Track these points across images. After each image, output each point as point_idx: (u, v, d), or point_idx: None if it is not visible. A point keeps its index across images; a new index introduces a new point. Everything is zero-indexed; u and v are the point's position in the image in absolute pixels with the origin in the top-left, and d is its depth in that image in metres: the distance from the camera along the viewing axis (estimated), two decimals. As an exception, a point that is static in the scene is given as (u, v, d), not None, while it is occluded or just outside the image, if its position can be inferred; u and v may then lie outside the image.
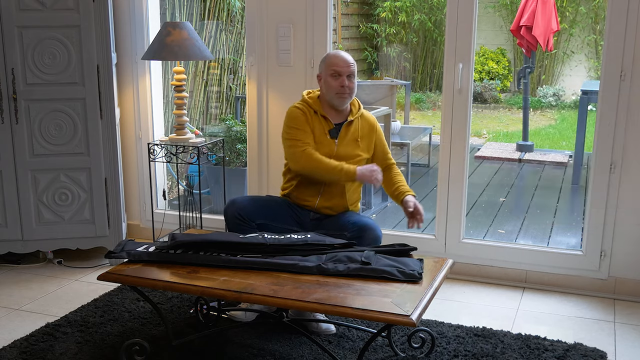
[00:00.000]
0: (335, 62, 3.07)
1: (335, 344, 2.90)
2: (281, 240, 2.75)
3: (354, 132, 3.15)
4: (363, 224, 3.00)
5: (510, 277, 3.68)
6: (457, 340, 2.95)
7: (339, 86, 3.05)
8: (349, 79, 3.06)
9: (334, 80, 3.06)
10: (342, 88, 3.06)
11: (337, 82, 3.06)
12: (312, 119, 3.11)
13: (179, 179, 4.64)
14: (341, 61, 3.07)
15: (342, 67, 3.06)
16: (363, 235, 2.94)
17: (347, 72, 3.06)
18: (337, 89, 3.06)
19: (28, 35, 3.61)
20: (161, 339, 2.92)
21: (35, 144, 3.72)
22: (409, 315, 2.21)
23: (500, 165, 6.89)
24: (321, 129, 3.11)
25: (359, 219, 3.05)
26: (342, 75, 3.05)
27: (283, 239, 2.77)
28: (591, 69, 10.09)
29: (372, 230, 2.98)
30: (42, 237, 3.83)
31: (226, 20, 5.59)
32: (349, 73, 3.06)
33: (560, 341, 2.96)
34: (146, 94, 4.22)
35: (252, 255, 2.70)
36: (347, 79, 3.06)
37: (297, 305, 2.35)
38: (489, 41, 10.50)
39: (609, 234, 3.47)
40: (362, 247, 2.78)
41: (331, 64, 3.08)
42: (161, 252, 2.72)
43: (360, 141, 3.15)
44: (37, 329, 3.05)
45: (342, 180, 3.08)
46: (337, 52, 3.14)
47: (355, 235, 2.95)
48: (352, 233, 2.96)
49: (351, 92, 3.09)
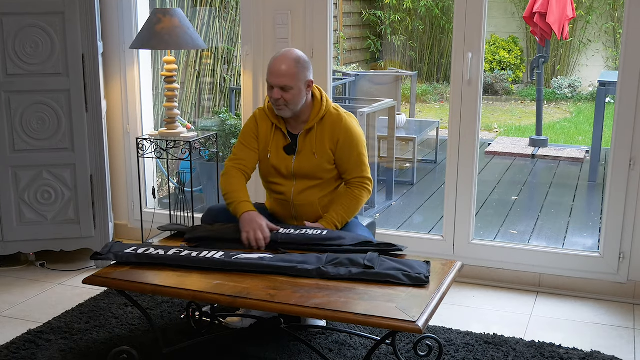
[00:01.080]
0: (269, 71, 2.90)
1: (336, 352, 2.90)
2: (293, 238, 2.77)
3: (310, 145, 2.97)
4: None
5: (523, 281, 3.68)
6: (466, 348, 2.95)
7: (272, 97, 2.90)
8: (284, 90, 2.87)
9: (269, 90, 2.91)
10: (275, 100, 2.90)
11: (271, 94, 2.91)
12: (268, 130, 3.02)
13: (169, 176, 4.64)
14: (274, 71, 2.87)
15: (273, 77, 2.88)
16: None
17: (279, 85, 2.86)
18: (271, 99, 2.91)
19: (8, 23, 3.60)
20: (151, 346, 2.92)
21: (16, 138, 3.71)
22: (415, 321, 2.20)
23: (512, 162, 6.89)
24: (278, 142, 3.01)
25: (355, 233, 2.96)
26: (273, 88, 2.89)
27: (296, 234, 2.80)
28: (609, 59, 10.09)
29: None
30: (24, 238, 3.83)
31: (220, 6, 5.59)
32: (280, 86, 2.86)
33: (577, 349, 2.95)
34: (134, 85, 4.22)
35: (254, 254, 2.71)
36: (281, 91, 2.87)
37: (296, 311, 2.35)
38: (501, 29, 10.50)
39: (628, 235, 3.47)
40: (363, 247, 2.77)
41: (268, 71, 2.91)
42: (150, 254, 2.71)
43: (316, 154, 2.97)
44: (18, 336, 3.05)
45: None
46: (279, 56, 2.91)
47: None
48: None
49: (288, 103, 2.89)
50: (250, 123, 3.07)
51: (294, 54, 2.91)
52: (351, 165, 3.00)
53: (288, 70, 2.86)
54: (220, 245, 2.82)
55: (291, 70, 2.86)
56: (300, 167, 2.99)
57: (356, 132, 3.02)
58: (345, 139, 2.97)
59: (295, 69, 2.87)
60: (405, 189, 5.86)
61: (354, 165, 3.00)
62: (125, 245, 2.81)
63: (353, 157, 2.99)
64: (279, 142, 3.02)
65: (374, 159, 5.23)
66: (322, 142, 2.97)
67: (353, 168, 3.01)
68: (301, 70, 2.89)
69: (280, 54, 2.92)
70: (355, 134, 3.01)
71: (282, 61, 2.88)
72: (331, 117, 2.99)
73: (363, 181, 3.01)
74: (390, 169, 5.49)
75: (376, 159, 5.39)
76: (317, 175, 2.99)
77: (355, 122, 3.05)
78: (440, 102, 10.09)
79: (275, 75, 2.87)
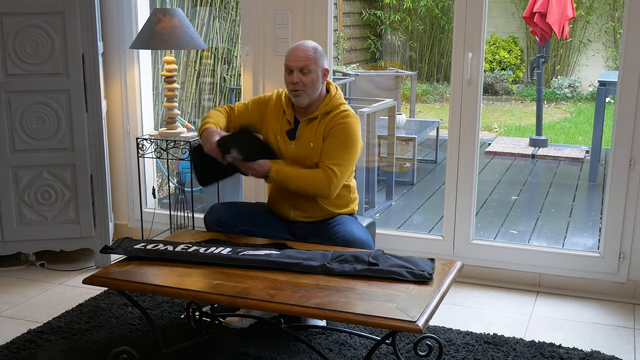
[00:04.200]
0: (288, 56, 3.01)
1: (336, 352, 2.90)
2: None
3: (309, 134, 3.04)
4: (350, 238, 2.93)
5: (523, 281, 3.68)
6: (466, 348, 2.95)
7: (290, 83, 2.99)
8: (303, 73, 2.96)
9: (287, 76, 3.01)
10: (294, 85, 2.98)
11: (289, 79, 2.99)
12: (276, 112, 3.11)
13: (169, 176, 4.63)
14: (293, 54, 2.99)
15: (292, 61, 2.98)
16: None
17: (299, 67, 2.96)
18: (289, 85, 3.00)
19: (8, 23, 3.60)
20: (151, 346, 2.92)
21: (16, 138, 3.71)
22: (414, 321, 2.21)
23: (512, 162, 6.89)
24: (283, 126, 3.09)
25: (349, 231, 2.96)
26: (293, 71, 2.98)
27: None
28: (609, 59, 10.09)
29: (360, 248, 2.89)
30: (24, 238, 3.83)
31: (220, 6, 5.59)
32: (300, 67, 2.96)
33: (577, 349, 2.96)
34: (134, 85, 4.22)
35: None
36: (300, 74, 2.96)
37: (296, 311, 2.35)
38: (501, 29, 10.50)
39: (629, 235, 3.47)
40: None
41: (286, 58, 3.02)
42: (159, 250, 2.75)
43: (312, 143, 3.02)
44: (18, 336, 3.05)
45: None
46: (297, 44, 3.04)
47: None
48: (339, 245, 2.90)
49: (306, 88, 2.97)
50: (265, 97, 3.20)
51: (312, 42, 3.06)
52: (330, 154, 2.97)
53: (307, 53, 2.98)
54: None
55: (310, 54, 2.98)
56: (296, 153, 3.03)
57: (352, 133, 3.01)
58: (337, 132, 2.99)
59: (314, 54, 2.99)
60: (405, 189, 5.86)
61: (332, 156, 2.96)
62: (134, 241, 2.86)
63: (335, 149, 2.97)
64: (283, 126, 3.09)
65: (374, 159, 5.23)
66: (320, 133, 3.02)
67: (328, 155, 2.97)
68: (319, 57, 3.01)
69: (299, 42, 3.06)
70: (351, 134, 3.00)
71: (301, 47, 3.01)
72: (337, 113, 3.03)
73: (330, 168, 2.94)
74: (390, 169, 5.49)
75: (376, 158, 5.39)
76: (312, 163, 3.01)
77: (357, 125, 3.05)
78: (440, 102, 10.09)
79: (295, 58, 2.99)
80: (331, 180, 2.93)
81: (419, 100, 9.95)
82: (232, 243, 2.87)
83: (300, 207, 3.08)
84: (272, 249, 2.76)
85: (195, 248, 2.76)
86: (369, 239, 3.02)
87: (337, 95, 3.09)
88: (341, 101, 3.08)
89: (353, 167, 3.08)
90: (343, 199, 3.12)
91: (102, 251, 2.84)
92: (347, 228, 3.00)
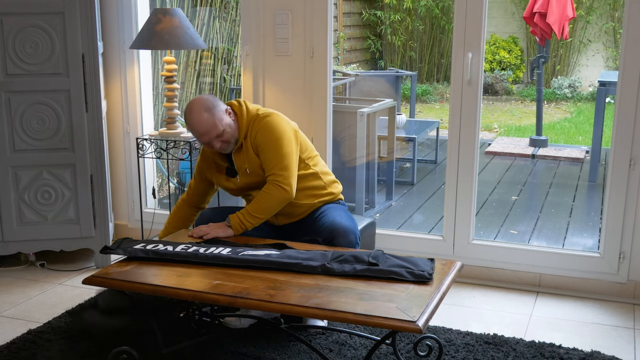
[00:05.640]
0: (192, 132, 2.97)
1: (336, 352, 2.90)
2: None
3: (241, 163, 3.01)
4: (335, 227, 2.92)
5: (523, 281, 3.68)
6: (466, 348, 2.95)
7: (215, 149, 2.99)
8: (216, 139, 2.92)
9: (208, 147, 3.00)
10: (219, 148, 2.97)
11: (209, 148, 3.00)
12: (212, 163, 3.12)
13: (169, 176, 4.63)
14: (195, 132, 2.93)
15: (200, 138, 2.95)
16: (334, 240, 2.90)
17: (208, 140, 2.92)
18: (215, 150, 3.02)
19: (8, 23, 3.60)
20: (150, 346, 2.91)
21: (16, 138, 3.71)
22: (415, 321, 2.20)
23: (512, 162, 6.89)
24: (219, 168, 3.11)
25: (332, 220, 2.96)
26: (209, 143, 2.95)
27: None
28: (609, 59, 10.08)
29: (344, 237, 2.91)
30: (24, 238, 3.83)
31: (220, 6, 5.59)
32: (210, 139, 2.92)
33: (577, 349, 2.95)
34: (134, 85, 4.22)
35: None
36: (214, 141, 2.92)
37: (296, 311, 2.35)
38: (501, 29, 10.49)
39: (629, 235, 3.47)
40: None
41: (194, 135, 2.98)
42: (158, 250, 2.75)
43: (248, 169, 3.00)
44: (18, 336, 3.05)
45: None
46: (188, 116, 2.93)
47: (328, 239, 2.92)
48: (324, 237, 2.92)
49: (226, 142, 2.95)
50: (200, 157, 3.19)
51: (198, 104, 2.92)
52: (268, 163, 2.95)
53: (205, 126, 2.89)
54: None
55: (208, 121, 2.89)
56: (244, 184, 3.05)
57: (273, 128, 2.96)
58: (261, 141, 2.96)
59: (209, 116, 2.90)
60: (405, 189, 5.86)
61: (271, 164, 2.95)
62: (134, 241, 2.86)
63: (270, 155, 2.94)
64: (222, 169, 3.10)
65: (374, 159, 5.23)
66: (251, 154, 2.99)
67: (268, 166, 2.95)
68: (214, 112, 2.91)
69: (189, 116, 2.92)
70: (272, 132, 2.96)
71: (196, 121, 2.90)
72: (252, 125, 2.99)
73: (275, 178, 2.92)
74: (390, 169, 5.49)
75: (376, 158, 5.39)
76: (263, 183, 2.99)
77: (275, 118, 3.00)
78: (440, 102, 10.09)
79: (199, 135, 2.93)
80: (282, 185, 2.91)
81: (419, 100, 9.95)
82: (232, 243, 2.87)
83: (280, 212, 3.05)
84: (272, 249, 2.76)
85: (195, 248, 2.76)
86: (352, 224, 2.99)
87: (244, 110, 3.02)
88: (249, 111, 3.03)
89: (296, 157, 2.99)
90: (315, 188, 3.10)
91: (102, 251, 2.84)
92: (330, 217, 2.99)
